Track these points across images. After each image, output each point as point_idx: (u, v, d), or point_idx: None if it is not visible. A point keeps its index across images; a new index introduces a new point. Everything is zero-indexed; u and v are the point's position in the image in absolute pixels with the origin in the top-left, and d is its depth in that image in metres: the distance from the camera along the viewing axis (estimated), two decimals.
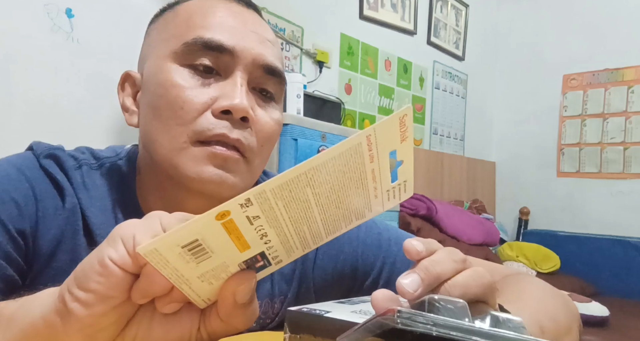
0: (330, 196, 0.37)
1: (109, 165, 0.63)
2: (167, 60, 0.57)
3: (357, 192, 0.38)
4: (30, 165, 0.57)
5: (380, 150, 0.37)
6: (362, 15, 2.55)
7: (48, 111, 1.44)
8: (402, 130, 0.36)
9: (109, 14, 1.55)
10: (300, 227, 0.38)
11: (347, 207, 0.39)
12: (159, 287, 0.36)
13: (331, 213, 0.39)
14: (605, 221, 3.11)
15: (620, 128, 3.14)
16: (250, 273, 0.39)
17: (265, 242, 0.37)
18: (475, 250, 2.46)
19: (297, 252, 0.40)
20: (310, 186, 0.35)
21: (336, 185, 0.37)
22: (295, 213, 0.36)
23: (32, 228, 0.54)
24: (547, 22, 3.42)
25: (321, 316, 0.42)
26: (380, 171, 0.38)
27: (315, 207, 0.37)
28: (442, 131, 3.21)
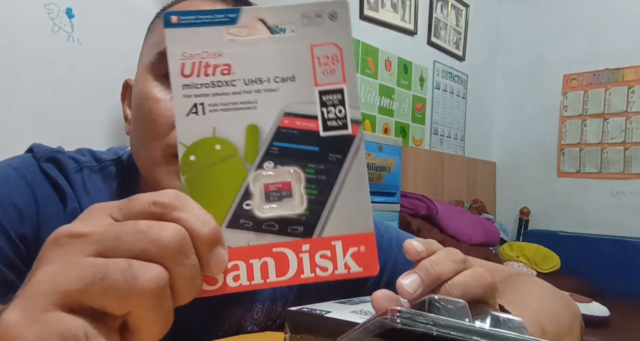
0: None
1: (110, 168, 0.62)
2: (145, 71, 0.56)
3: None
4: (31, 169, 0.57)
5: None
6: (362, 15, 2.55)
7: (48, 111, 1.44)
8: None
9: (109, 14, 1.55)
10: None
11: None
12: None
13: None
14: (606, 221, 3.11)
15: (621, 128, 3.14)
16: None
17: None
18: (476, 250, 2.46)
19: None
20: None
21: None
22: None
23: (33, 232, 0.54)
24: (547, 22, 3.42)
25: (321, 317, 0.42)
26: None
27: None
28: (442, 131, 3.21)
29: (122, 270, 0.24)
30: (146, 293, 0.24)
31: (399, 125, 2.85)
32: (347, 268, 0.30)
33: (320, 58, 0.30)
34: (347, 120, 0.30)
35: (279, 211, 0.29)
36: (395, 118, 2.82)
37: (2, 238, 0.52)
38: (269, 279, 0.29)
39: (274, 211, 0.29)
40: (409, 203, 2.35)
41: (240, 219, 0.29)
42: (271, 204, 0.29)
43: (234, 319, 0.63)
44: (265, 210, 0.29)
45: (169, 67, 0.29)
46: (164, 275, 0.25)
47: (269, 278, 0.29)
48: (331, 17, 0.31)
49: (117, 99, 0.66)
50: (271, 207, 0.29)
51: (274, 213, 0.29)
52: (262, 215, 0.29)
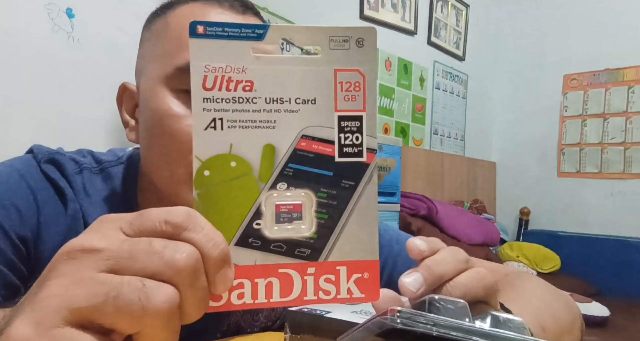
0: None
1: (110, 169, 0.62)
2: (160, 84, 0.54)
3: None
4: (32, 171, 0.57)
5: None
6: (362, 15, 2.55)
7: (48, 111, 1.44)
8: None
9: (109, 14, 1.55)
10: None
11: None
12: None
13: None
14: (606, 221, 3.11)
15: (621, 128, 3.14)
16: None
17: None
18: (476, 250, 2.46)
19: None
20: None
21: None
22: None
23: (33, 234, 0.54)
24: (547, 22, 3.42)
25: (321, 317, 0.42)
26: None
27: None
28: (442, 131, 3.21)
29: (136, 290, 0.24)
30: (158, 314, 0.24)
31: (399, 125, 2.85)
32: (350, 293, 0.30)
33: (343, 83, 0.30)
34: (362, 148, 0.30)
35: (288, 233, 0.30)
36: (395, 119, 2.82)
37: (3, 239, 0.52)
38: (272, 299, 0.29)
39: (283, 232, 0.29)
40: (409, 203, 2.35)
41: (250, 238, 0.29)
42: (281, 225, 0.30)
43: (233, 321, 0.63)
44: (274, 231, 0.29)
45: (191, 78, 0.29)
46: (176, 297, 0.25)
47: (272, 298, 0.29)
48: (358, 44, 0.31)
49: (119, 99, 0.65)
50: (281, 228, 0.29)
51: (283, 234, 0.29)
52: (271, 236, 0.29)
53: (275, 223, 0.30)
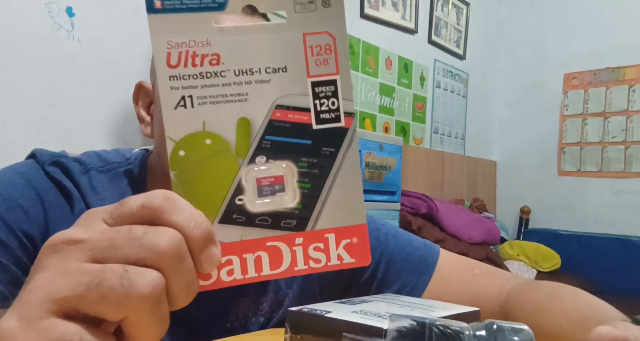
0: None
1: (118, 169, 0.62)
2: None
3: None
4: (35, 173, 0.57)
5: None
6: (362, 14, 2.55)
7: (48, 110, 1.44)
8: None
9: (109, 13, 1.55)
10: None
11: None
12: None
13: None
14: (606, 220, 3.11)
15: (622, 127, 3.13)
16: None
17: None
18: (476, 249, 2.46)
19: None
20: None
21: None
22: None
23: (41, 233, 0.54)
24: (548, 21, 3.42)
25: (322, 317, 0.42)
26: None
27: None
28: (442, 130, 3.21)
29: (118, 276, 0.24)
30: (143, 298, 0.24)
31: (399, 124, 2.85)
32: (340, 260, 0.30)
33: (313, 47, 0.29)
34: (340, 113, 0.30)
35: (271, 206, 0.29)
36: (395, 117, 2.82)
37: (11, 238, 0.52)
38: (262, 272, 0.29)
39: (267, 206, 0.29)
40: (410, 202, 2.35)
41: (233, 214, 0.29)
42: (264, 199, 0.29)
43: (241, 311, 0.65)
44: (257, 205, 0.29)
45: (154, 56, 0.28)
46: (160, 280, 0.25)
47: (262, 272, 0.29)
48: (324, 4, 0.29)
49: (118, 97, 0.66)
50: (264, 202, 0.29)
51: (266, 208, 0.29)
52: (254, 210, 0.29)
53: (258, 197, 0.29)
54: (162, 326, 0.26)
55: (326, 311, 0.43)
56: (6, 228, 0.52)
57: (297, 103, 0.29)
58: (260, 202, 0.29)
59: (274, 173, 0.29)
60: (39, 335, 0.23)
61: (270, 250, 0.29)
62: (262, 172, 0.29)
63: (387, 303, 0.47)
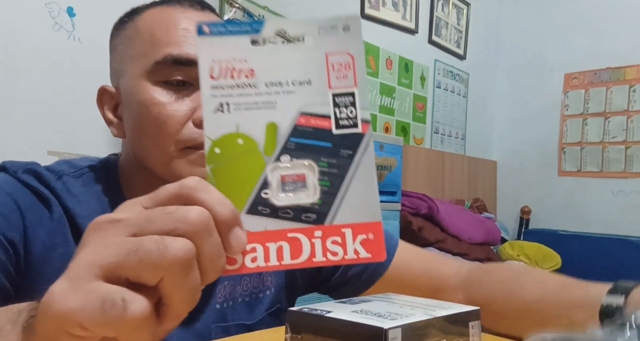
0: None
1: (89, 173, 0.64)
2: (142, 79, 0.60)
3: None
4: (9, 182, 0.58)
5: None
6: (363, 14, 2.55)
7: (49, 110, 1.44)
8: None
9: (110, 13, 1.55)
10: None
11: None
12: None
13: None
14: (607, 220, 3.11)
15: (622, 127, 3.13)
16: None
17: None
18: (476, 249, 2.46)
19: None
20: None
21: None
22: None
23: (21, 237, 0.55)
24: (548, 21, 3.42)
25: (322, 316, 0.42)
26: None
27: None
28: (443, 130, 3.21)
29: (154, 242, 0.27)
30: (176, 260, 0.27)
31: (399, 124, 2.85)
32: (357, 254, 0.32)
33: (335, 65, 0.33)
34: (357, 120, 0.33)
35: (294, 200, 0.32)
36: (396, 117, 2.83)
37: None
38: (283, 261, 0.31)
39: (290, 200, 0.32)
40: (410, 202, 2.35)
41: (259, 206, 0.32)
42: (287, 193, 0.32)
43: (227, 292, 0.67)
44: (281, 199, 0.32)
45: (199, 70, 0.32)
46: (191, 247, 0.28)
47: (283, 260, 0.31)
48: (345, 29, 0.34)
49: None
50: (287, 196, 0.32)
51: (289, 201, 0.32)
52: (278, 203, 0.32)
53: (282, 192, 0.32)
54: (194, 293, 0.29)
55: (326, 310, 0.43)
56: None
57: (319, 111, 0.33)
58: (284, 196, 0.32)
59: (297, 171, 0.32)
60: (85, 293, 0.27)
61: (292, 241, 0.31)
62: (287, 170, 0.32)
63: (387, 303, 0.47)
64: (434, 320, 0.42)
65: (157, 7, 0.63)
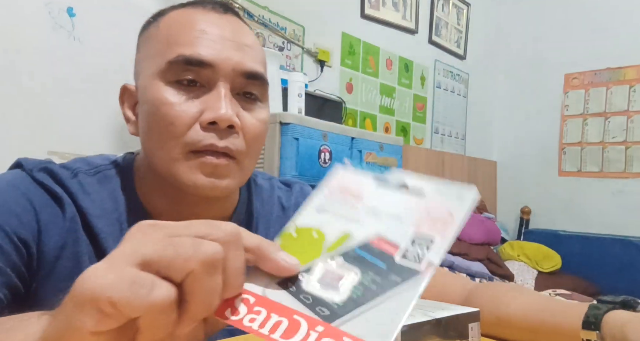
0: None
1: (106, 171, 0.65)
2: (156, 78, 0.60)
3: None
4: (24, 180, 0.59)
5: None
6: (363, 14, 2.55)
7: (49, 109, 1.44)
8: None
9: (110, 13, 1.55)
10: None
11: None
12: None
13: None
14: (607, 220, 3.11)
15: (622, 127, 3.13)
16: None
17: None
18: (477, 249, 2.46)
19: None
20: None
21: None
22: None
23: (34, 237, 0.56)
24: (548, 21, 3.42)
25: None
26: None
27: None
28: (443, 130, 3.21)
29: (190, 240, 0.31)
30: (206, 258, 0.30)
31: (400, 124, 2.85)
32: None
33: (431, 213, 0.36)
34: (422, 259, 0.34)
35: (321, 291, 0.33)
36: (396, 117, 2.82)
37: (7, 242, 0.54)
38: (273, 335, 0.32)
39: (317, 290, 0.33)
40: None
41: (289, 283, 0.34)
42: (321, 285, 0.34)
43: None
44: (312, 287, 0.33)
45: (317, 193, 0.39)
46: (221, 250, 0.31)
47: (274, 334, 0.32)
48: (458, 197, 0.36)
49: (118, 97, 0.68)
50: (317, 286, 0.34)
51: (316, 291, 0.33)
52: (305, 288, 0.33)
53: (317, 282, 0.34)
54: (213, 297, 0.31)
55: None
56: (2, 232, 0.54)
57: (394, 239, 0.35)
58: (316, 285, 0.34)
59: (340, 272, 0.34)
60: (119, 274, 0.29)
61: (292, 322, 0.32)
62: (334, 268, 0.34)
63: None
64: (434, 321, 0.42)
65: (180, 9, 0.64)
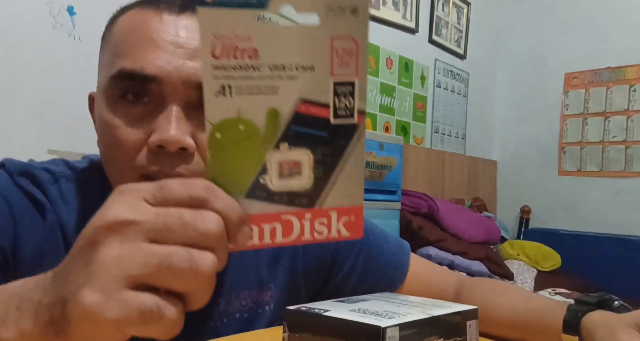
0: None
1: (86, 176, 0.62)
2: (101, 94, 0.55)
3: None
4: (5, 183, 0.57)
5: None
6: None
7: (49, 108, 1.44)
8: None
9: (110, 12, 1.55)
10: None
11: None
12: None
13: None
14: (607, 220, 3.11)
15: (622, 126, 3.13)
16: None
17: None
18: (476, 249, 2.46)
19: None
20: None
21: None
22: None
23: (10, 244, 0.54)
24: (549, 21, 3.42)
25: (320, 315, 0.42)
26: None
27: None
28: (443, 129, 3.21)
29: (186, 260, 0.29)
30: (206, 276, 0.29)
31: (400, 123, 2.85)
32: (339, 233, 0.35)
33: (338, 50, 0.33)
34: (354, 110, 0.34)
35: (289, 186, 0.34)
36: (396, 117, 2.82)
37: None
38: (276, 240, 0.34)
39: (285, 186, 0.34)
40: (410, 201, 2.35)
41: (257, 191, 0.33)
42: (283, 179, 0.34)
43: (221, 309, 0.65)
44: (277, 185, 0.34)
45: (200, 46, 0.31)
46: (216, 260, 0.30)
47: (276, 239, 0.34)
48: (353, 12, 0.33)
49: None
50: (283, 182, 0.34)
51: (285, 188, 0.34)
52: (274, 189, 0.33)
53: (279, 178, 0.34)
54: (210, 292, 0.31)
55: (324, 310, 0.43)
56: None
57: (319, 99, 0.33)
58: (280, 182, 0.34)
59: (294, 158, 0.34)
60: (122, 305, 0.28)
61: (284, 223, 0.34)
62: (284, 156, 0.33)
63: (385, 302, 0.47)
64: (432, 319, 0.42)
65: (133, 10, 0.58)
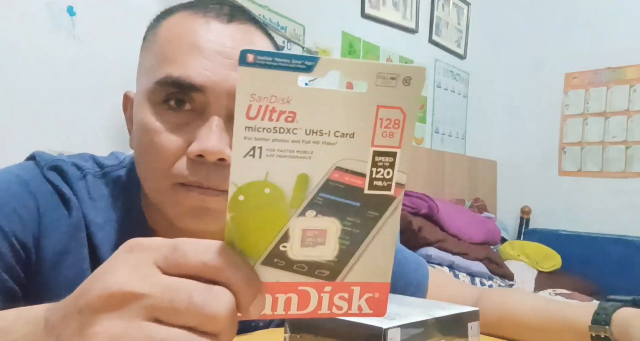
0: None
1: (113, 173, 0.62)
2: (144, 98, 0.55)
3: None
4: (35, 177, 0.57)
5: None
6: (363, 13, 2.55)
7: (49, 109, 1.44)
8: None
9: (110, 13, 1.55)
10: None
11: None
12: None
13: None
14: (607, 220, 3.10)
15: (622, 127, 3.13)
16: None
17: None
18: (476, 249, 2.46)
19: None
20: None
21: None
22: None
23: (35, 241, 0.54)
24: (549, 21, 3.42)
25: None
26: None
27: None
28: (443, 130, 3.21)
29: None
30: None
31: None
32: (360, 309, 0.33)
33: (384, 120, 0.31)
34: (392, 183, 0.32)
35: (311, 256, 0.31)
36: None
37: (5, 244, 0.52)
38: (290, 311, 0.32)
39: (307, 255, 0.31)
40: (410, 201, 2.35)
41: (274, 258, 0.31)
42: (305, 248, 0.31)
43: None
44: (298, 253, 0.31)
45: (236, 106, 0.29)
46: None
47: (290, 311, 0.32)
48: (405, 82, 0.30)
49: (118, 97, 0.66)
50: (305, 251, 0.31)
51: (306, 257, 0.31)
52: (294, 258, 0.31)
53: (301, 247, 0.31)
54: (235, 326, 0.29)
55: None
56: (1, 233, 0.52)
57: (355, 168, 0.31)
58: (302, 250, 0.31)
59: (319, 227, 0.31)
60: (148, 336, 0.26)
61: (301, 294, 0.32)
62: (309, 224, 0.31)
63: None
64: (433, 320, 0.42)
65: (181, 13, 0.57)
